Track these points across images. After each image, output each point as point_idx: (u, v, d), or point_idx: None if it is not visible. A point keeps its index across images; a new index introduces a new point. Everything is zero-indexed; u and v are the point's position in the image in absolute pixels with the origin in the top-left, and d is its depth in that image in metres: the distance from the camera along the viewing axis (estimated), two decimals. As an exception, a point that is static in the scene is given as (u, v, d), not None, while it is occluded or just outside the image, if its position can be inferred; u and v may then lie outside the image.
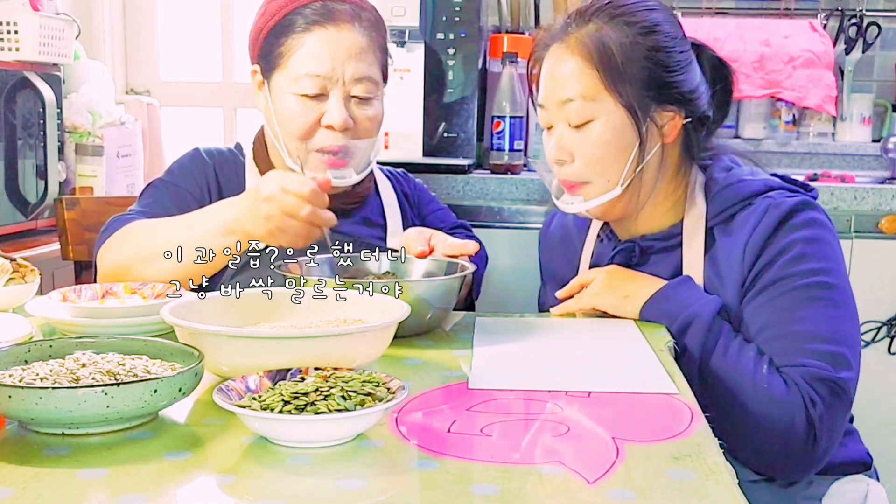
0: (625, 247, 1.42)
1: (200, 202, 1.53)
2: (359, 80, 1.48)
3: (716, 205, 1.36)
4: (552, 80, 1.36)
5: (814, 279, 1.28)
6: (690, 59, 1.38)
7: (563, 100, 1.34)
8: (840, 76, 2.70)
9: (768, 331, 1.28)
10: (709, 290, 1.33)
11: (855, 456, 1.39)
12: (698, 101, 1.37)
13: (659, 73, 1.33)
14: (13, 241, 2.08)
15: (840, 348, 1.26)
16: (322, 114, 1.47)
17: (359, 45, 1.48)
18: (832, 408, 1.24)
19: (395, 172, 1.73)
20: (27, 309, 1.24)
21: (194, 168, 1.57)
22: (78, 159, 2.36)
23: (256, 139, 1.61)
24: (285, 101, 1.48)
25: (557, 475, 0.77)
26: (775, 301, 1.29)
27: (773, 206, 1.31)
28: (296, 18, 1.47)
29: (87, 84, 2.41)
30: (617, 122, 1.33)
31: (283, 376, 0.90)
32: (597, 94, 1.33)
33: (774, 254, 1.30)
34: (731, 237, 1.33)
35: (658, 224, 1.42)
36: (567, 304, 1.39)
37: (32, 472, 0.77)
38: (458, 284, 1.28)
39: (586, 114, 1.33)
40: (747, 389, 1.24)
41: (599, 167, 1.35)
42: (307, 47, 1.46)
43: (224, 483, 0.76)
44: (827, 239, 1.32)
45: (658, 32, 1.34)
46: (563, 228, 1.58)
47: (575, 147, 1.35)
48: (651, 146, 1.35)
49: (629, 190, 1.36)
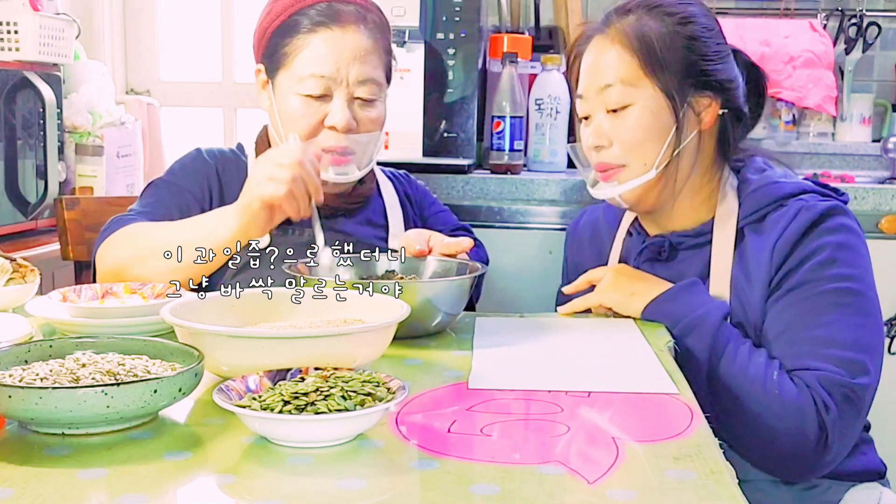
0: (654, 241, 1.43)
1: (201, 202, 1.53)
2: (363, 81, 1.48)
3: (748, 205, 1.37)
4: (593, 69, 1.39)
5: (840, 285, 1.28)
6: (727, 51, 1.41)
7: (603, 86, 1.37)
8: (840, 76, 2.70)
9: (790, 333, 1.28)
10: (735, 290, 1.34)
11: (871, 465, 1.40)
12: (735, 92, 1.40)
13: (696, 60, 1.36)
14: (13, 241, 2.07)
15: (859, 355, 1.25)
16: (325, 114, 1.47)
17: (364, 46, 1.48)
18: (845, 413, 1.23)
19: (397, 174, 1.73)
20: (27, 309, 1.24)
21: (196, 168, 1.57)
22: (78, 159, 2.36)
23: (259, 139, 1.61)
24: (289, 101, 1.48)
25: (557, 475, 0.77)
26: (800, 304, 1.28)
27: (805, 209, 1.31)
28: (301, 19, 1.47)
29: (87, 84, 2.41)
30: (654, 107, 1.35)
31: (283, 376, 0.90)
32: (636, 80, 1.35)
33: (803, 257, 1.30)
34: (761, 237, 1.33)
35: (689, 221, 1.42)
36: (574, 303, 1.40)
37: (32, 472, 0.77)
38: (470, 285, 1.28)
39: (625, 98, 1.36)
40: (758, 395, 1.24)
41: (637, 150, 1.36)
42: (312, 48, 1.46)
43: (224, 483, 0.76)
44: (856, 245, 1.32)
45: (695, 23, 1.38)
46: (592, 225, 1.59)
47: (613, 132, 1.37)
48: (688, 132, 1.37)
49: (664, 176, 1.37)
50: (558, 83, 2.31)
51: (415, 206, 1.69)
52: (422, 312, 1.19)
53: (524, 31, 2.52)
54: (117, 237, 1.42)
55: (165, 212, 1.49)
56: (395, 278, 1.32)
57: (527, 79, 2.37)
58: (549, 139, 2.32)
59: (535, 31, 2.56)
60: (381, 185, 1.65)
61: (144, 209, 1.50)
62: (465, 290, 1.27)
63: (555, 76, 2.31)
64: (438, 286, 1.23)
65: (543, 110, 2.31)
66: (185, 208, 1.51)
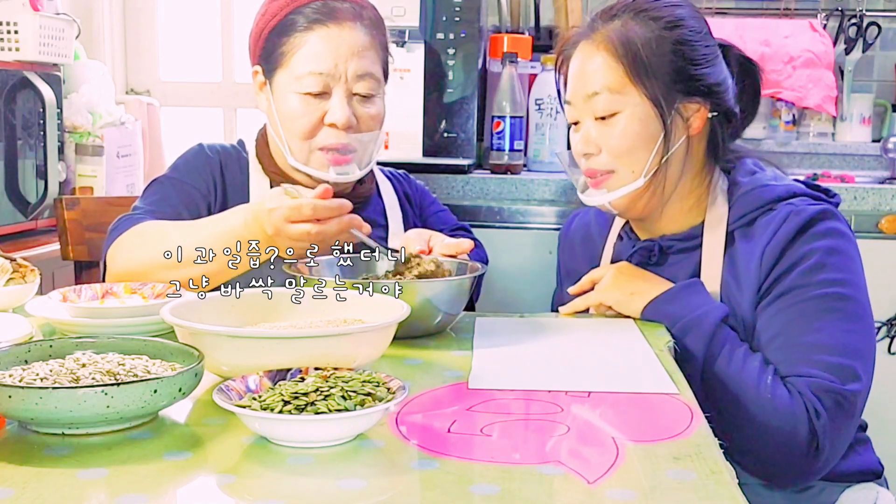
0: (644, 245, 1.43)
1: (206, 198, 1.52)
2: (361, 76, 1.48)
3: (738, 208, 1.36)
4: (579, 76, 1.39)
5: (830, 290, 1.28)
6: (716, 53, 1.40)
7: (590, 93, 1.36)
8: (840, 76, 2.70)
9: (780, 339, 1.28)
10: (726, 294, 1.33)
11: (867, 465, 1.39)
12: (724, 95, 1.39)
13: (684, 65, 1.35)
14: (13, 241, 2.07)
15: (850, 361, 1.25)
16: (325, 112, 1.47)
17: (361, 42, 1.48)
18: (836, 420, 1.23)
19: (397, 174, 1.73)
20: (27, 309, 1.24)
21: (199, 164, 1.56)
22: (78, 159, 2.36)
23: (259, 138, 1.60)
24: (288, 100, 1.48)
25: (557, 475, 0.77)
26: (790, 310, 1.28)
27: (795, 213, 1.31)
28: (297, 18, 1.47)
29: (87, 84, 2.41)
30: (642, 114, 1.34)
31: (283, 376, 0.90)
32: (622, 87, 1.35)
33: (792, 262, 1.29)
34: (751, 241, 1.33)
35: (679, 225, 1.42)
36: (574, 302, 1.40)
37: (32, 472, 0.77)
38: (470, 285, 1.28)
39: (612, 106, 1.35)
40: (751, 398, 1.24)
41: (625, 158, 1.36)
42: (309, 46, 1.46)
43: (224, 483, 0.76)
44: (847, 250, 1.31)
45: (682, 27, 1.36)
46: (584, 228, 1.59)
47: (601, 139, 1.36)
48: (676, 138, 1.36)
49: (653, 183, 1.36)
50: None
51: (414, 205, 1.69)
52: (422, 312, 1.19)
53: (524, 31, 2.52)
54: (129, 237, 1.41)
55: (172, 210, 1.48)
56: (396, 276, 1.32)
57: (527, 79, 2.37)
58: (549, 139, 2.32)
59: (535, 31, 2.57)
60: (380, 185, 1.65)
61: (151, 207, 1.49)
62: (466, 290, 1.27)
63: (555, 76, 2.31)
64: (438, 286, 1.23)
65: (543, 110, 2.31)
66: (193, 206, 1.50)
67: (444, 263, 1.34)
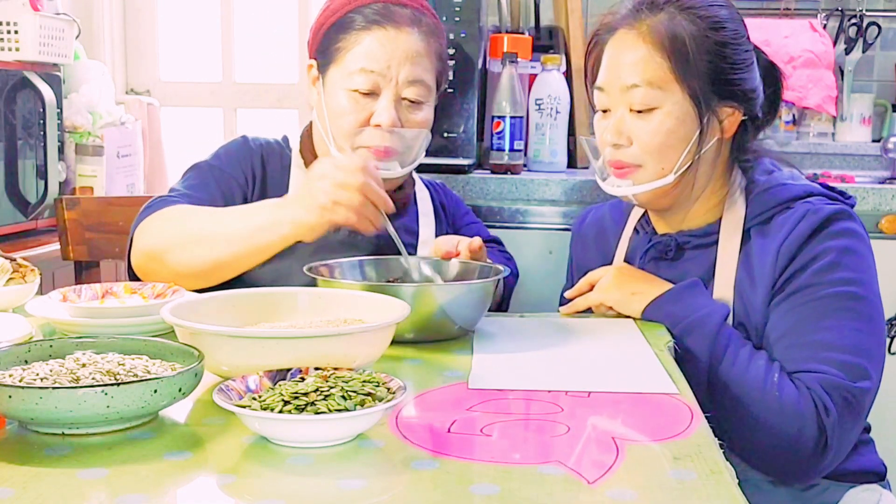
0: (661, 240, 1.43)
1: (244, 189, 1.52)
2: (412, 82, 1.48)
3: (755, 207, 1.36)
4: (617, 65, 1.36)
5: (843, 289, 1.27)
6: (753, 59, 1.39)
7: (629, 85, 1.34)
8: (840, 76, 2.70)
9: (791, 336, 1.28)
10: (739, 291, 1.33)
11: (870, 466, 1.39)
12: (756, 101, 1.39)
13: (724, 68, 1.34)
14: (13, 241, 2.08)
15: (860, 360, 1.25)
16: (372, 112, 1.47)
17: (416, 48, 1.48)
18: (845, 417, 1.23)
19: (435, 183, 1.73)
20: (27, 309, 1.24)
21: (241, 155, 1.56)
22: (78, 159, 2.36)
23: (304, 133, 1.61)
24: (337, 96, 1.49)
25: (557, 475, 0.77)
26: (802, 308, 1.28)
27: (811, 212, 1.31)
28: (356, 16, 1.48)
29: (87, 84, 2.41)
30: (680, 112, 1.33)
31: (283, 376, 0.90)
32: (664, 83, 1.33)
33: (807, 260, 1.29)
34: (767, 239, 1.33)
35: (698, 221, 1.42)
36: (575, 302, 1.40)
37: (32, 472, 0.77)
38: (492, 288, 1.27)
39: (651, 101, 1.33)
40: (757, 397, 1.24)
41: (657, 154, 1.34)
42: (364, 44, 1.47)
43: (224, 483, 0.76)
44: (861, 250, 1.31)
45: (726, 29, 1.36)
46: (597, 223, 1.58)
47: (634, 132, 1.35)
48: (709, 139, 1.36)
49: (681, 181, 1.36)
50: (558, 83, 2.31)
51: (448, 216, 1.69)
52: (440, 316, 1.19)
53: (524, 31, 2.51)
54: (158, 219, 1.40)
55: (208, 196, 1.48)
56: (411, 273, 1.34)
57: (527, 79, 2.37)
58: (550, 139, 2.32)
59: (535, 31, 2.56)
60: (417, 192, 1.65)
61: (187, 191, 1.48)
62: (487, 293, 1.26)
63: (555, 76, 2.31)
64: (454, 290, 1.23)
65: (543, 110, 2.31)
66: (230, 194, 1.50)
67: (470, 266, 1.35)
